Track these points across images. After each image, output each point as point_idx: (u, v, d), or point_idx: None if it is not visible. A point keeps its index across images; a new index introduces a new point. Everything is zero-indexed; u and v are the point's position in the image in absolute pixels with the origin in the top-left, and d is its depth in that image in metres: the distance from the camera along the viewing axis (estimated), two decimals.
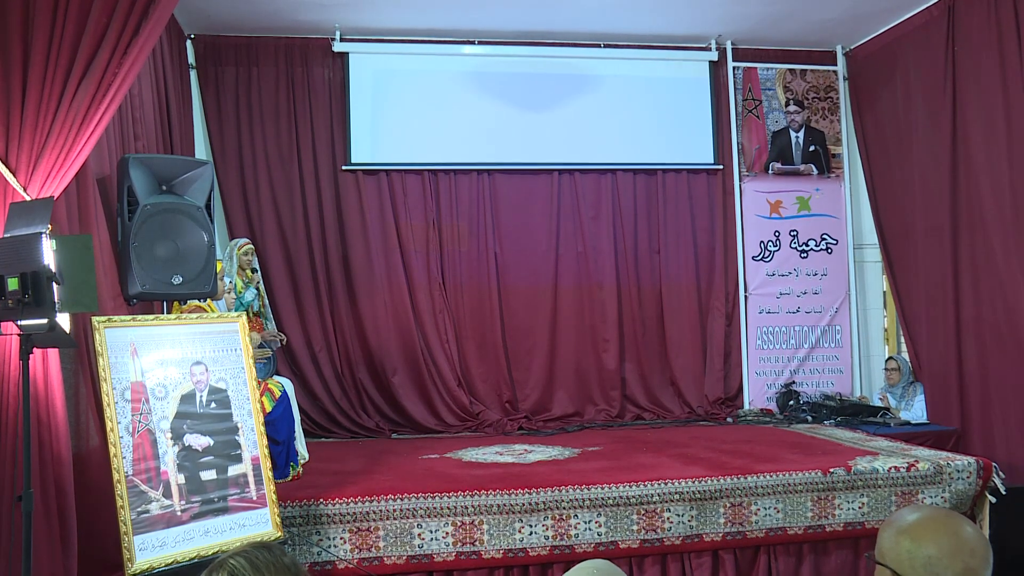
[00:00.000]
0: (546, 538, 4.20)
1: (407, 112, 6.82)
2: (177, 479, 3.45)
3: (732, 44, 7.15)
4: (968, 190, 5.87)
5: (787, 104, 7.25)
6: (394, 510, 4.11)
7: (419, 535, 4.11)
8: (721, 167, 7.22)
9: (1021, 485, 4.78)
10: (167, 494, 3.41)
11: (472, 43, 6.89)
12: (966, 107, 5.87)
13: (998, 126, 5.56)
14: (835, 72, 7.34)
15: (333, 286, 6.70)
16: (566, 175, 7.07)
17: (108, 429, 3.31)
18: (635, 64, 7.11)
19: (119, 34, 3.53)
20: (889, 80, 6.79)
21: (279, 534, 3.71)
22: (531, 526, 4.19)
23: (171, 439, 3.47)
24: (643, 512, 4.27)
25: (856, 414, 6.36)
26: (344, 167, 6.73)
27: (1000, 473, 4.66)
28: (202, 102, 6.59)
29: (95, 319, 3.39)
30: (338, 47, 6.68)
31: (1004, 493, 4.60)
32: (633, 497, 4.26)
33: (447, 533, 4.13)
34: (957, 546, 1.59)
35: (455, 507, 4.15)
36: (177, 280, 3.97)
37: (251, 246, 5.52)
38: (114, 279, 4.08)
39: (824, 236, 7.22)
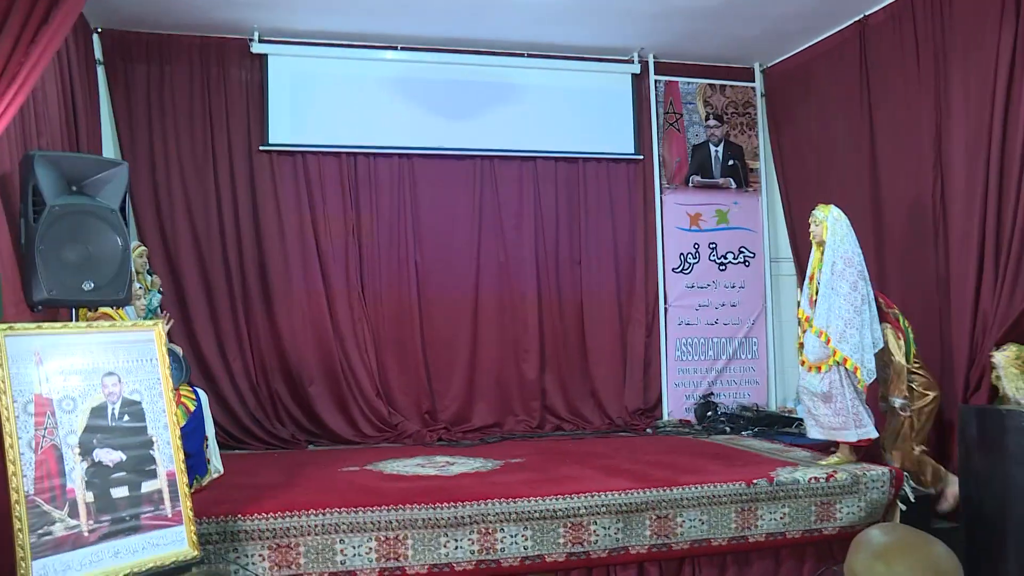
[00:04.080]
0: (472, 552, 4.11)
1: (328, 112, 6.68)
2: (85, 497, 3.23)
3: (654, 58, 7.23)
4: (890, 205, 6.03)
5: (707, 118, 7.37)
6: (315, 525, 3.97)
7: (341, 551, 3.98)
8: (641, 157, 7.24)
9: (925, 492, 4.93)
10: (73, 513, 3.19)
11: (395, 48, 6.79)
12: (880, 125, 6.06)
13: (908, 144, 5.75)
14: (753, 88, 7.50)
15: (248, 292, 6.48)
16: (487, 163, 6.99)
17: (7, 445, 3.07)
18: (559, 75, 7.11)
19: (24, 21, 3.31)
20: (804, 98, 6.96)
21: (196, 553, 3.53)
22: (456, 540, 4.10)
23: (79, 454, 3.25)
24: (569, 525, 4.23)
25: (772, 425, 6.48)
26: (261, 147, 6.52)
27: (910, 481, 4.79)
28: (111, 100, 6.30)
29: None
30: (256, 48, 6.48)
31: (913, 501, 4.74)
32: (560, 510, 4.22)
33: (370, 548, 4.01)
34: (928, 566, 1.63)
35: (378, 522, 4.03)
36: (88, 286, 3.73)
37: (144, 248, 5.30)
38: (16, 284, 3.83)
39: (742, 249, 7.36)
